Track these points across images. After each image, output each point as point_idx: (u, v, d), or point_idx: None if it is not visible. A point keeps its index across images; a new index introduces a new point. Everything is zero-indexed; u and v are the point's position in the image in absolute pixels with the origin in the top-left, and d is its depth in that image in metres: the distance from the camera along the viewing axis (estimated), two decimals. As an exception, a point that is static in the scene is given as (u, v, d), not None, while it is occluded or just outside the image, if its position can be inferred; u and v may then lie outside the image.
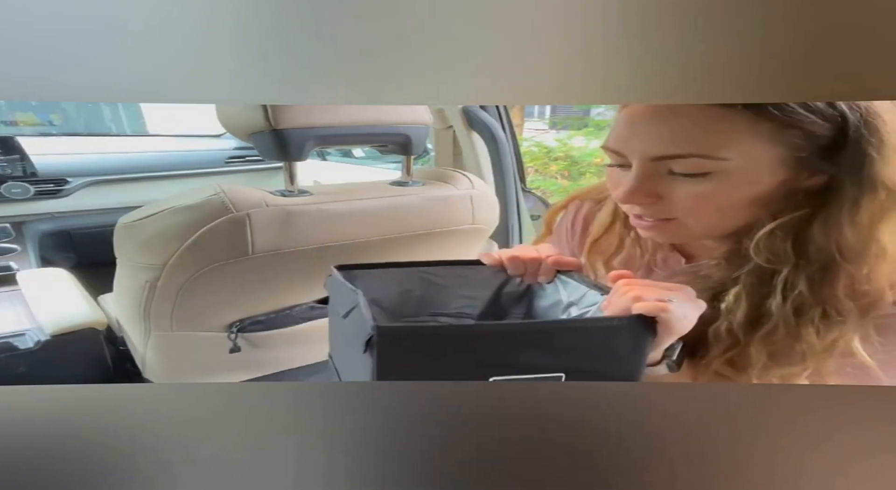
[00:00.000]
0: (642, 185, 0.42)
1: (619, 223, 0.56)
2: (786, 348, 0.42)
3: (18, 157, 1.42)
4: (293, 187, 0.79)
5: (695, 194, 0.41)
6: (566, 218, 0.64)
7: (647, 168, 0.42)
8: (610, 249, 0.56)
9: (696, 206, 0.42)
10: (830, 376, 0.42)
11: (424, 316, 0.56)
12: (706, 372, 0.46)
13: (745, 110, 0.38)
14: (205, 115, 1.77)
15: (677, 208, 0.43)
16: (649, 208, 0.44)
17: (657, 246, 0.54)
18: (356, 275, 0.52)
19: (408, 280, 0.55)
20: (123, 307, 0.90)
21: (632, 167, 0.43)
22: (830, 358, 0.41)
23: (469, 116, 1.31)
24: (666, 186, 0.42)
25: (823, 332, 0.40)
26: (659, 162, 0.41)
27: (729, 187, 0.40)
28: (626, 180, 0.43)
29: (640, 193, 0.43)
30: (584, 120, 4.13)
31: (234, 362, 0.91)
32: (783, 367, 0.43)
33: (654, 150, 0.41)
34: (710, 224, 0.44)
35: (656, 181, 0.42)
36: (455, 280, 0.56)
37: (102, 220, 1.49)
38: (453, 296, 0.57)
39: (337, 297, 0.49)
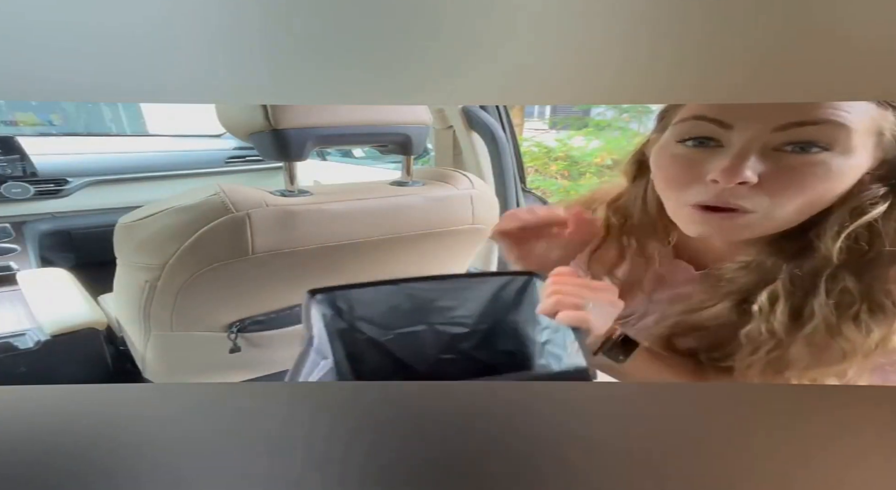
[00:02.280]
0: (747, 161, 0.38)
1: (615, 231, 0.54)
2: (828, 347, 0.41)
3: (18, 157, 1.41)
4: (293, 187, 0.79)
5: (800, 173, 0.38)
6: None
7: (761, 139, 0.38)
8: (611, 261, 0.55)
9: (796, 187, 0.38)
10: (868, 374, 0.41)
11: (420, 326, 0.56)
12: (745, 376, 0.45)
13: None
14: (205, 115, 1.77)
15: (772, 192, 0.39)
16: (742, 193, 0.39)
17: (662, 254, 0.53)
18: (337, 296, 0.53)
19: (393, 296, 0.55)
20: (123, 307, 0.90)
21: (731, 143, 0.40)
22: (874, 355, 0.40)
23: (469, 116, 1.31)
24: (770, 165, 0.39)
25: (872, 328, 0.39)
26: (779, 132, 0.38)
27: (836, 168, 0.38)
28: (720, 158, 0.40)
29: (745, 171, 0.38)
30: (584, 120, 4.12)
31: (234, 362, 0.91)
32: (825, 367, 0.41)
33: (783, 115, 0.37)
34: (787, 216, 0.40)
35: (763, 157, 0.39)
36: (442, 293, 0.57)
37: (102, 220, 1.49)
38: (442, 307, 0.57)
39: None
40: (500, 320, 0.55)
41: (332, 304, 0.52)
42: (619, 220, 0.54)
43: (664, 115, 0.47)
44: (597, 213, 0.56)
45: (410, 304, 0.55)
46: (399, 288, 0.55)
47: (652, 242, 0.53)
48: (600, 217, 0.55)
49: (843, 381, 0.41)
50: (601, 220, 0.53)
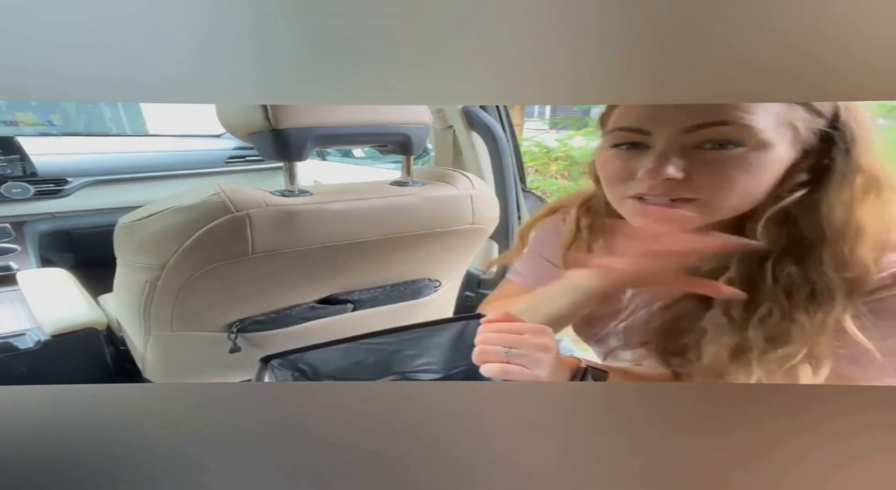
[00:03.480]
0: (671, 158, 0.42)
1: (584, 231, 0.57)
2: (781, 331, 0.43)
3: (18, 157, 1.42)
4: (293, 187, 0.79)
5: (723, 167, 0.41)
6: (551, 228, 0.64)
7: (677, 140, 0.42)
8: (583, 258, 0.57)
9: (723, 181, 0.42)
10: (826, 358, 0.43)
11: (391, 376, 0.56)
12: (705, 366, 0.47)
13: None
14: (205, 115, 1.77)
15: (703, 185, 0.42)
16: (674, 187, 0.43)
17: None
18: (295, 360, 0.53)
19: (353, 353, 0.56)
20: (123, 307, 0.90)
21: (654, 144, 0.43)
22: (823, 337, 0.42)
23: (469, 116, 1.31)
24: (694, 160, 0.42)
25: (813, 311, 0.42)
26: (692, 133, 0.41)
27: (755, 160, 0.41)
28: (645, 159, 0.43)
29: (668, 167, 0.42)
30: (584, 120, 4.13)
31: (234, 362, 0.91)
32: (779, 349, 0.43)
33: (689, 119, 0.41)
34: (728, 203, 0.43)
35: (684, 154, 0.42)
36: (402, 344, 0.57)
37: (102, 220, 1.49)
38: (407, 357, 0.57)
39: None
40: (472, 362, 0.56)
41: (294, 367, 0.52)
42: (589, 220, 0.58)
43: (602, 121, 0.51)
44: (569, 214, 0.59)
45: (374, 358, 0.56)
46: (357, 345, 0.55)
47: (618, 239, 0.55)
48: (571, 220, 0.58)
49: (804, 368, 0.43)
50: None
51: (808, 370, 0.43)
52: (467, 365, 0.57)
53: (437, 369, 0.58)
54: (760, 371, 0.44)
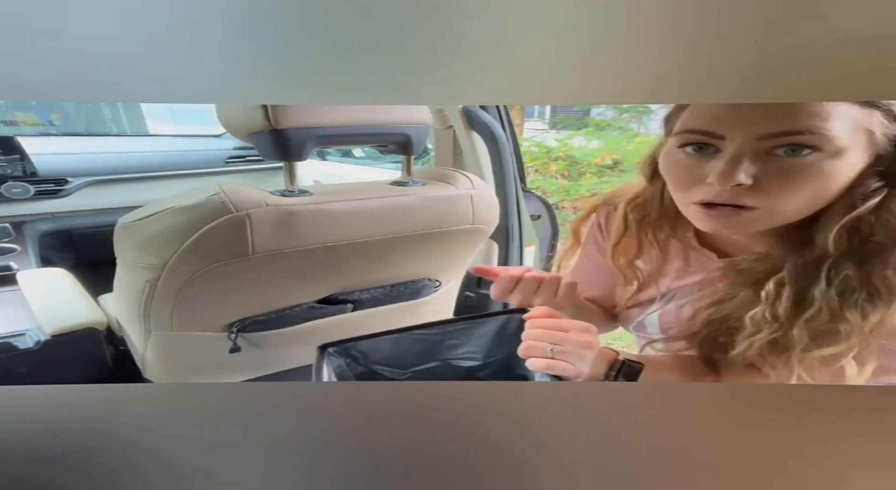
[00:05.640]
0: (741, 165, 0.41)
1: (633, 227, 0.58)
2: (829, 330, 0.43)
3: (18, 157, 1.41)
4: (293, 187, 0.79)
5: (794, 175, 0.41)
6: (597, 221, 0.66)
7: (749, 147, 0.41)
8: (632, 251, 0.58)
9: (792, 188, 0.41)
10: (873, 356, 0.43)
11: (433, 362, 0.61)
12: (744, 356, 0.47)
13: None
14: (205, 115, 1.77)
15: (771, 192, 0.42)
16: (741, 193, 0.42)
17: (688, 246, 0.56)
18: (349, 347, 0.58)
19: (401, 342, 0.61)
20: (123, 307, 0.90)
21: (726, 148, 0.42)
22: (876, 338, 0.42)
23: (469, 116, 1.30)
24: (764, 167, 0.41)
25: (870, 313, 0.41)
26: (764, 140, 0.41)
27: (828, 167, 0.40)
28: (715, 164, 0.43)
29: (738, 173, 0.41)
30: (584, 120, 4.13)
31: (234, 362, 0.91)
32: (825, 348, 0.43)
33: (763, 126, 0.40)
34: (794, 209, 0.43)
35: (755, 161, 0.41)
36: (446, 335, 0.62)
37: (102, 220, 1.49)
38: (450, 346, 0.62)
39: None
40: (512, 352, 0.58)
41: (347, 354, 0.57)
42: (638, 216, 0.58)
43: (668, 121, 0.50)
44: (617, 209, 0.59)
45: (420, 347, 0.60)
46: (404, 335, 0.60)
47: (669, 236, 0.57)
48: (619, 216, 0.59)
49: (847, 362, 0.43)
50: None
51: (853, 367, 0.43)
52: (505, 354, 0.61)
53: (477, 357, 0.62)
54: (801, 368, 0.44)
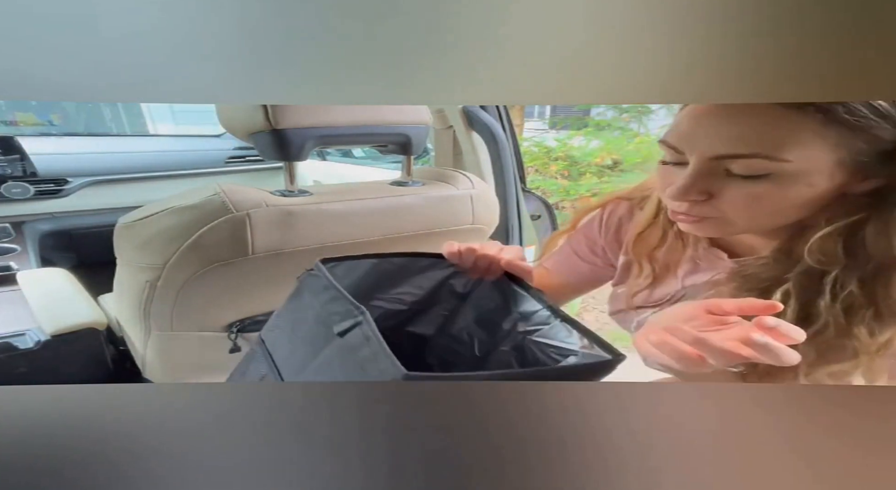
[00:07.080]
0: (697, 183, 0.43)
1: (662, 216, 0.57)
2: (836, 346, 0.42)
3: (18, 157, 1.42)
4: (293, 187, 0.79)
5: (748, 195, 0.41)
6: (599, 215, 0.65)
7: (705, 166, 0.42)
8: (653, 242, 0.58)
9: (747, 206, 0.42)
10: (883, 373, 0.42)
11: (366, 302, 0.56)
12: (751, 371, 0.46)
13: (815, 113, 0.38)
14: (205, 115, 1.77)
15: (727, 208, 0.43)
16: (697, 206, 0.44)
17: (698, 239, 0.55)
18: (336, 266, 0.54)
19: (372, 270, 0.57)
20: (123, 307, 0.90)
21: (688, 165, 0.43)
22: (883, 358, 0.41)
23: (469, 116, 1.30)
24: (719, 186, 0.42)
25: (877, 332, 0.41)
26: (719, 161, 0.42)
27: (784, 189, 0.40)
28: (679, 177, 0.44)
29: (693, 191, 0.43)
30: (584, 120, 4.14)
31: (234, 362, 0.91)
32: (833, 365, 0.43)
33: (716, 148, 0.41)
34: (756, 223, 0.44)
35: (711, 180, 0.43)
36: (407, 270, 0.59)
37: (102, 220, 1.49)
38: (399, 284, 0.59)
39: (315, 297, 0.49)
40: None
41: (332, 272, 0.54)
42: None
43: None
44: (649, 197, 0.59)
45: (375, 279, 0.58)
46: (383, 261, 0.58)
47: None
48: (651, 205, 0.59)
49: (855, 379, 0.42)
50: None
51: (861, 383, 0.42)
52: (434, 303, 0.60)
53: (407, 301, 0.60)
54: (808, 383, 0.43)
